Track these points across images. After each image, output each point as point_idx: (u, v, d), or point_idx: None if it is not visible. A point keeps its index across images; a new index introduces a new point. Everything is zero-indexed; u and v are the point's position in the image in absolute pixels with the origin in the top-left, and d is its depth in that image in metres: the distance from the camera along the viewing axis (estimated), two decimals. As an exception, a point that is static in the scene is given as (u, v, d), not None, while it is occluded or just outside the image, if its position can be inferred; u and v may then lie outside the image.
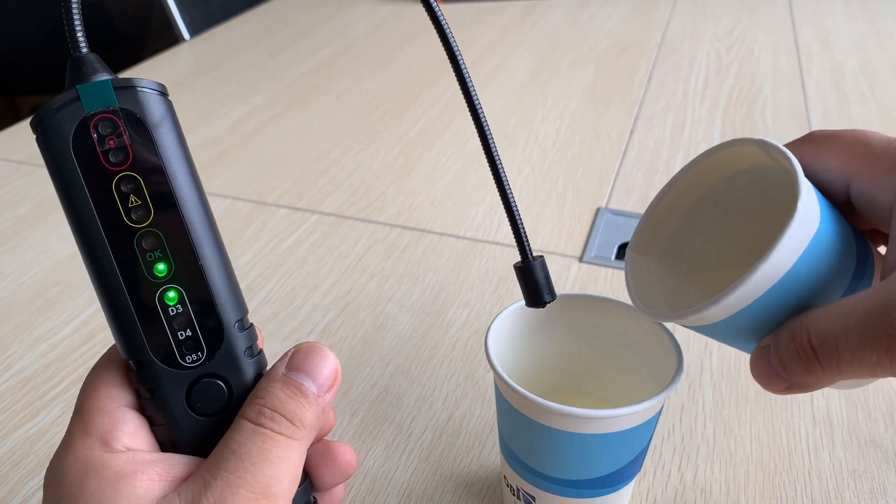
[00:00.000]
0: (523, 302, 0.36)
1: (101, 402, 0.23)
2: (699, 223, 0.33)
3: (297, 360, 0.24)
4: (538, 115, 0.84)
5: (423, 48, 1.07)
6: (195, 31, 1.21)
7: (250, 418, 0.23)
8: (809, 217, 0.25)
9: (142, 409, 0.24)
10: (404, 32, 1.14)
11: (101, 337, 0.51)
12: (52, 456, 0.41)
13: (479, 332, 0.50)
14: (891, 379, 0.45)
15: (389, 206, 0.66)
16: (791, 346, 0.26)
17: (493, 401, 0.44)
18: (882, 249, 0.30)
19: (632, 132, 0.79)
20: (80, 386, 0.46)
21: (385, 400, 0.45)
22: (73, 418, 0.24)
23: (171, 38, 1.20)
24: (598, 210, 0.64)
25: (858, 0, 1.20)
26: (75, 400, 0.45)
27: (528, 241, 0.30)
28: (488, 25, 1.16)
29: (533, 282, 0.30)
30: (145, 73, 0.99)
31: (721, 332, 0.29)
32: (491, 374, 0.46)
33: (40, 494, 0.39)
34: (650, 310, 0.31)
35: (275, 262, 0.59)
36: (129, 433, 0.23)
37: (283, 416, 0.23)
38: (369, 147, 0.77)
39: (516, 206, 0.29)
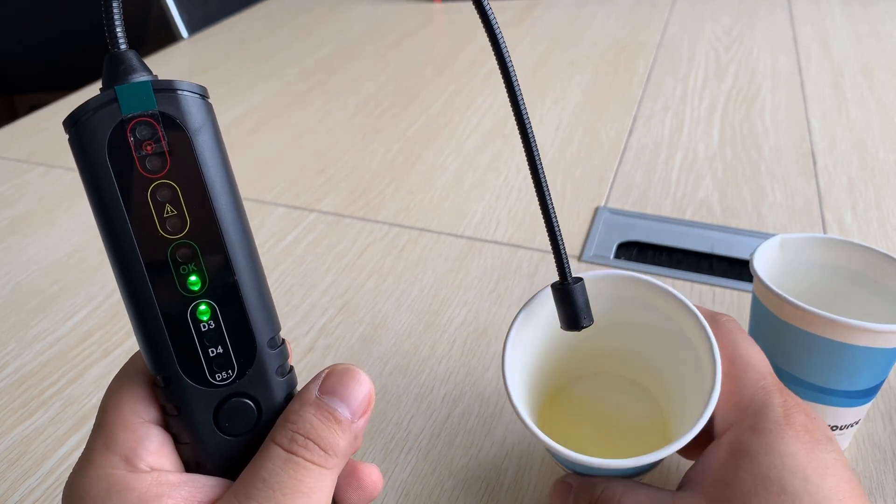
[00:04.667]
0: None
1: (125, 418, 0.22)
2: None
3: (330, 382, 0.24)
4: (537, 114, 0.84)
5: (421, 47, 1.07)
6: (193, 29, 1.20)
7: (282, 444, 0.22)
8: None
9: (167, 425, 0.23)
10: (403, 31, 1.14)
11: (98, 336, 0.51)
12: (50, 455, 0.41)
13: (478, 331, 0.50)
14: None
15: (388, 205, 0.66)
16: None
17: (491, 399, 0.44)
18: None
19: (630, 132, 0.79)
20: (77, 384, 0.46)
21: (383, 399, 0.45)
22: (94, 432, 0.23)
23: (169, 37, 1.20)
24: (596, 209, 0.64)
25: (857, 0, 1.21)
26: (73, 398, 0.45)
27: (568, 261, 0.29)
28: (487, 24, 1.15)
29: (572, 305, 0.30)
30: (143, 71, 0.99)
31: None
32: (488, 373, 0.46)
33: (37, 493, 0.39)
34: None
35: (273, 260, 0.58)
36: (154, 451, 0.22)
37: (315, 443, 0.22)
38: (368, 146, 0.77)
39: (558, 226, 0.29)
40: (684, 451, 0.34)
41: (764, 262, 0.39)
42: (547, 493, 0.39)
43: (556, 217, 0.29)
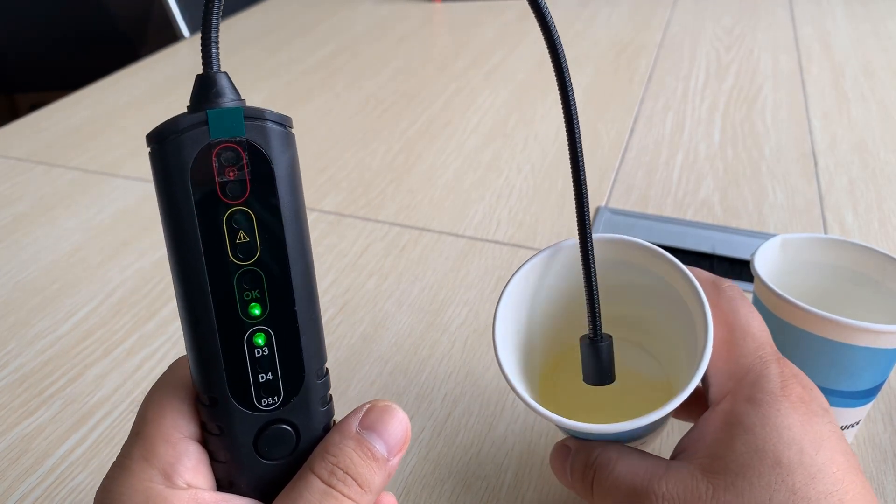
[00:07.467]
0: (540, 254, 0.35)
1: (166, 431, 0.23)
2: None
3: (371, 418, 0.24)
4: (538, 113, 0.84)
5: (422, 47, 1.07)
6: (194, 28, 1.20)
7: (321, 476, 0.23)
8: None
9: (205, 442, 0.23)
10: (404, 31, 1.14)
11: (99, 334, 0.51)
12: (50, 454, 0.41)
13: (478, 331, 0.50)
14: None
15: (388, 205, 0.66)
16: (577, 473, 0.31)
17: (492, 399, 0.44)
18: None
19: (632, 131, 0.79)
20: (77, 383, 0.46)
21: (383, 398, 0.45)
22: (130, 440, 0.23)
23: (170, 36, 1.20)
24: (598, 209, 0.64)
25: (858, 0, 1.20)
26: (73, 397, 0.45)
27: (600, 318, 0.30)
28: (488, 24, 1.16)
29: (599, 362, 0.31)
30: (145, 70, 0.99)
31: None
32: (488, 373, 0.46)
33: (38, 492, 0.39)
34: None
35: (273, 260, 0.58)
36: (191, 468, 0.22)
37: (354, 479, 0.23)
38: (368, 145, 0.77)
39: (595, 274, 0.30)
40: (680, 414, 0.33)
41: (765, 263, 0.39)
42: (548, 493, 0.39)
43: (595, 276, 0.30)
